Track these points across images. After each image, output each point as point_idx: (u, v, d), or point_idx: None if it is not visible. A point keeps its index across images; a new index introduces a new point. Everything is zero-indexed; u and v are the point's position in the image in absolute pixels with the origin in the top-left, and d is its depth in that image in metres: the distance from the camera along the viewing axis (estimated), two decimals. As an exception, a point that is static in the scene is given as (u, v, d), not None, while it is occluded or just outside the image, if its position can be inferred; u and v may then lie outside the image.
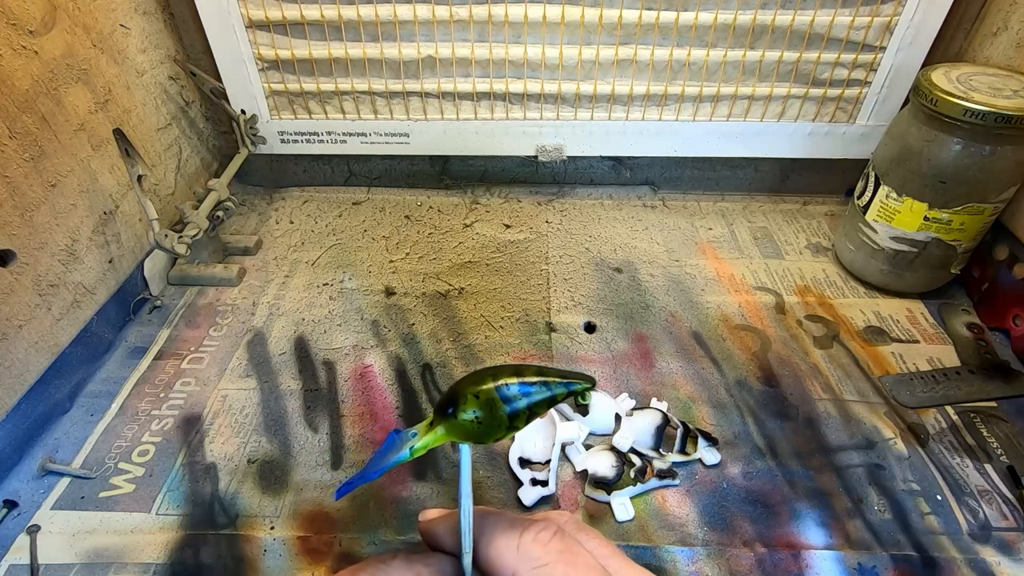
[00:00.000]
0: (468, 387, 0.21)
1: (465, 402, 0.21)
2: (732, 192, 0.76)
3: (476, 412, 0.21)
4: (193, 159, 0.71)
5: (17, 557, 0.41)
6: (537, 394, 0.21)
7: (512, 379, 0.21)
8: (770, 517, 0.43)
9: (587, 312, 0.59)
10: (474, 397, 0.21)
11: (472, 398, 0.21)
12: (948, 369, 0.53)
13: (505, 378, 0.21)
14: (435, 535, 0.23)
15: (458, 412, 0.21)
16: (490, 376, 0.21)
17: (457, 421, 0.21)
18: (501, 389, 0.21)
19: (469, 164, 0.76)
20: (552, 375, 0.22)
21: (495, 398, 0.21)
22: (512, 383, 0.21)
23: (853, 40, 0.62)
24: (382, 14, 0.62)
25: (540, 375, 0.22)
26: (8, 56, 0.46)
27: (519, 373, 0.22)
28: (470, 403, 0.21)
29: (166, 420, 0.50)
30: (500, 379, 0.21)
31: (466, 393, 0.21)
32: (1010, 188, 0.52)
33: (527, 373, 0.22)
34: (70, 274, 0.51)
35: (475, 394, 0.21)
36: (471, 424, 0.21)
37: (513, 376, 0.21)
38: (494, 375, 0.21)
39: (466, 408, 0.21)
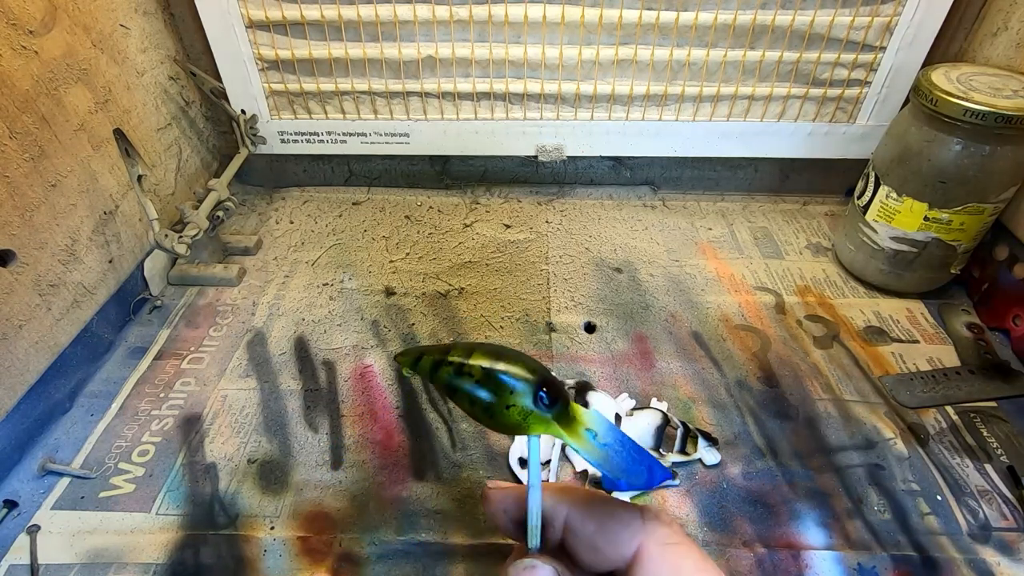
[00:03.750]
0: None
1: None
2: (732, 192, 0.76)
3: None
4: (193, 159, 0.71)
5: (17, 557, 0.41)
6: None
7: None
8: (770, 517, 0.43)
9: (587, 312, 0.59)
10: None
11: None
12: (948, 369, 0.53)
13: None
14: (503, 502, 0.23)
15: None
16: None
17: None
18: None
19: (469, 164, 0.76)
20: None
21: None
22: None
23: (853, 40, 0.62)
24: (382, 14, 0.62)
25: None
26: (8, 56, 0.46)
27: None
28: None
29: (166, 420, 0.50)
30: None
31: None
32: (1010, 188, 0.52)
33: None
34: (70, 274, 0.51)
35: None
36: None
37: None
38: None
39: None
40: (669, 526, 0.22)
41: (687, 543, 0.21)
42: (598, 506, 0.22)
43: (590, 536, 0.22)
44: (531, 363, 0.22)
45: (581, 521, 0.22)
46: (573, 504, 0.22)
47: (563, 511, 0.22)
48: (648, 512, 0.22)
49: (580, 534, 0.22)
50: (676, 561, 0.21)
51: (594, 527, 0.22)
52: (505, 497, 0.23)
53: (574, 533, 0.22)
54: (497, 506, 0.23)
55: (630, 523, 0.21)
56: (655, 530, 0.21)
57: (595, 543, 0.21)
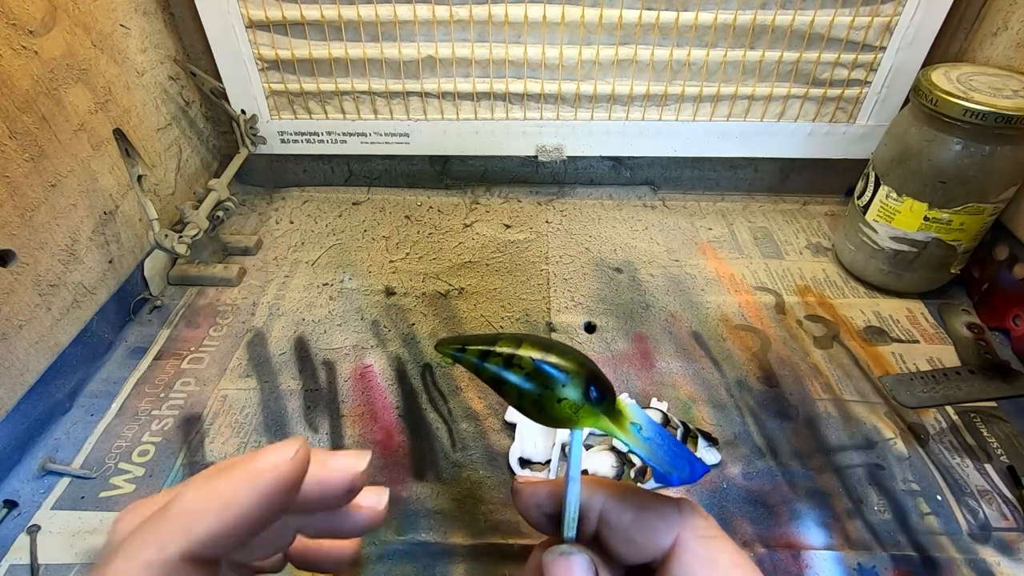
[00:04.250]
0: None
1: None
2: (732, 192, 0.76)
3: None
4: (193, 159, 0.71)
5: (17, 557, 0.41)
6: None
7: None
8: (770, 517, 0.43)
9: (587, 312, 0.59)
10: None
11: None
12: (948, 369, 0.53)
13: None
14: (536, 496, 0.23)
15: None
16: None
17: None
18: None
19: (469, 164, 0.76)
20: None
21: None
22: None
23: (853, 40, 0.62)
24: (382, 14, 0.62)
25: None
26: (8, 56, 0.46)
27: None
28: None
29: (166, 420, 0.50)
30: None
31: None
32: (1010, 188, 0.52)
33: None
34: (70, 274, 0.51)
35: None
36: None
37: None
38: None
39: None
40: (706, 519, 0.22)
41: (724, 537, 0.21)
42: (635, 498, 0.22)
43: (627, 527, 0.21)
44: (580, 357, 0.22)
45: (618, 513, 0.22)
46: (610, 496, 0.22)
47: (599, 502, 0.22)
48: (685, 504, 0.22)
49: (616, 525, 0.22)
50: (713, 554, 0.21)
51: (631, 518, 0.22)
52: (537, 491, 0.23)
53: (609, 525, 0.22)
54: (529, 500, 0.23)
55: (667, 515, 0.21)
56: (693, 522, 0.21)
57: (631, 535, 0.21)
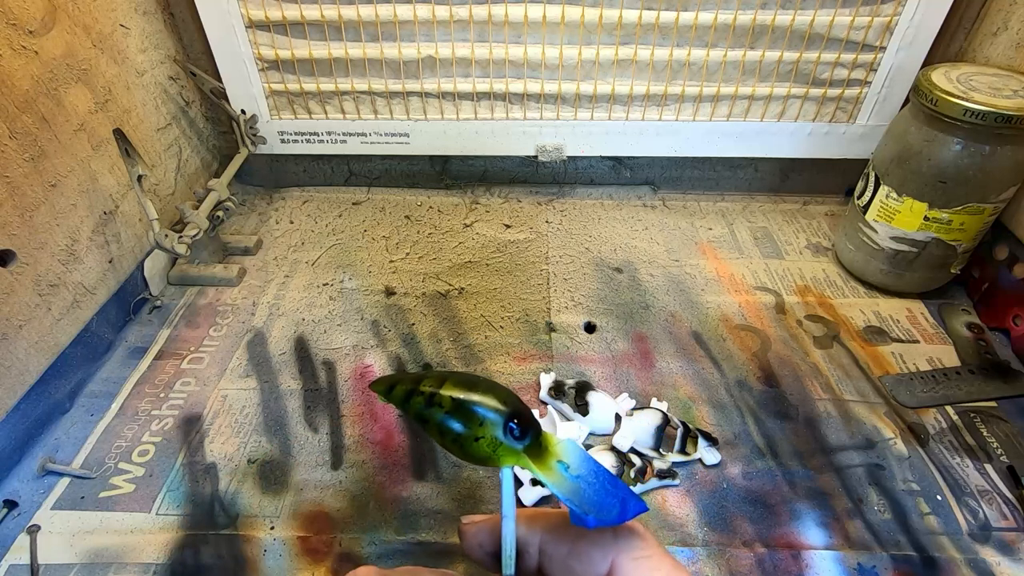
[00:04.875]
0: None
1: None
2: (732, 192, 0.76)
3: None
4: (193, 159, 0.71)
5: (17, 557, 0.41)
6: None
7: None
8: (770, 517, 0.43)
9: (587, 312, 0.59)
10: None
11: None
12: (948, 369, 0.53)
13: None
14: (477, 536, 0.23)
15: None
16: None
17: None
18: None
19: (469, 164, 0.76)
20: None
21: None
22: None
23: (853, 40, 0.62)
24: (382, 14, 0.62)
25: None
26: (8, 56, 0.46)
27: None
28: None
29: (166, 420, 0.50)
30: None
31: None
32: (1010, 188, 0.52)
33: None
34: (70, 274, 0.51)
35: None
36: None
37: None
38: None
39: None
40: (643, 538, 0.22)
41: (659, 555, 0.21)
42: (571, 527, 0.22)
43: (563, 558, 0.22)
44: (503, 393, 0.22)
45: (555, 545, 0.22)
46: (546, 529, 0.22)
47: (536, 537, 0.22)
48: (622, 527, 0.22)
49: (554, 557, 0.22)
50: (648, 575, 0.21)
51: (567, 549, 0.22)
52: (479, 531, 0.24)
53: (548, 557, 0.22)
54: (472, 540, 0.24)
55: (601, 541, 0.21)
56: (627, 544, 0.21)
57: (569, 565, 0.22)
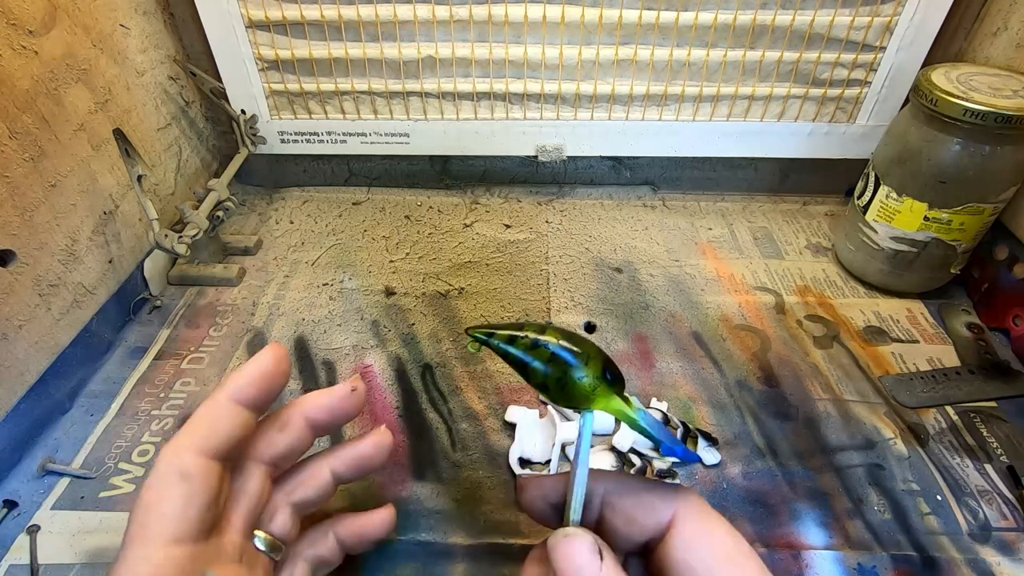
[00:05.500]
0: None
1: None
2: (732, 192, 0.76)
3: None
4: (193, 159, 0.71)
5: (17, 557, 0.41)
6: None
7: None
8: (770, 517, 0.43)
9: (587, 312, 0.59)
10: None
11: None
12: (948, 369, 0.53)
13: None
14: (541, 488, 0.25)
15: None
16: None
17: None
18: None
19: (469, 164, 0.76)
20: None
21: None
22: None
23: (853, 40, 0.62)
24: (382, 14, 0.62)
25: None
26: (8, 56, 0.46)
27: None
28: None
29: (166, 420, 0.50)
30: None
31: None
32: (1010, 188, 0.52)
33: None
34: (70, 274, 0.51)
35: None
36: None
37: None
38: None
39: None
40: (700, 498, 0.23)
41: (716, 513, 0.23)
42: (634, 481, 0.24)
43: (628, 508, 0.23)
44: (596, 346, 0.24)
45: (619, 495, 0.23)
46: (611, 481, 0.24)
47: (601, 488, 0.24)
48: (680, 486, 0.24)
49: (618, 507, 0.23)
50: (709, 525, 0.22)
51: (632, 499, 0.23)
52: (543, 482, 0.25)
53: (612, 507, 0.23)
54: (535, 492, 0.25)
55: (665, 494, 0.23)
56: (689, 498, 0.23)
57: (633, 514, 0.23)
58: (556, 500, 0.24)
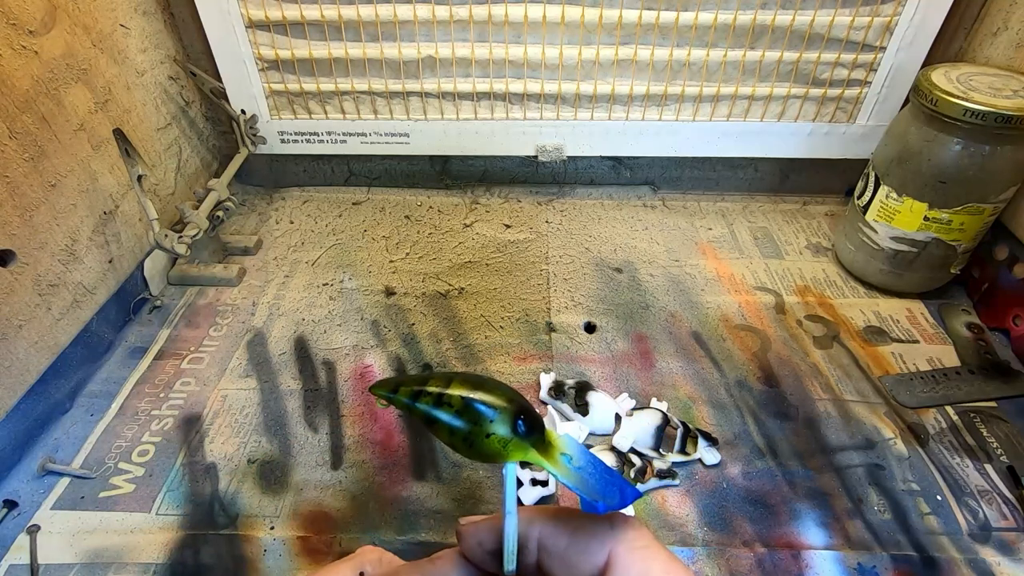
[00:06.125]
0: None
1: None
2: (732, 192, 0.76)
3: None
4: (193, 159, 0.71)
5: (17, 557, 0.41)
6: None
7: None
8: (770, 517, 0.43)
9: (587, 312, 0.59)
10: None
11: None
12: (948, 369, 0.53)
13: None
14: (477, 535, 0.23)
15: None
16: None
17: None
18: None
19: (469, 164, 0.76)
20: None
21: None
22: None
23: (853, 40, 0.62)
24: (382, 14, 0.62)
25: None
26: (8, 56, 0.46)
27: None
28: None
29: (166, 420, 0.50)
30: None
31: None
32: (1010, 188, 0.52)
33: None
34: (70, 274, 0.51)
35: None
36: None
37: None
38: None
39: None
40: (638, 530, 0.22)
41: (655, 546, 0.22)
42: (569, 521, 0.22)
43: (563, 551, 0.22)
44: (509, 392, 0.22)
45: (554, 538, 0.22)
46: (545, 523, 0.23)
47: (536, 531, 0.23)
48: (617, 519, 0.22)
49: (553, 551, 0.22)
50: (644, 564, 0.21)
51: (566, 541, 0.22)
52: (479, 530, 0.24)
53: (547, 551, 0.22)
54: (471, 539, 0.24)
55: (599, 532, 0.22)
56: (624, 535, 0.22)
57: (568, 557, 0.22)
58: (493, 547, 0.23)
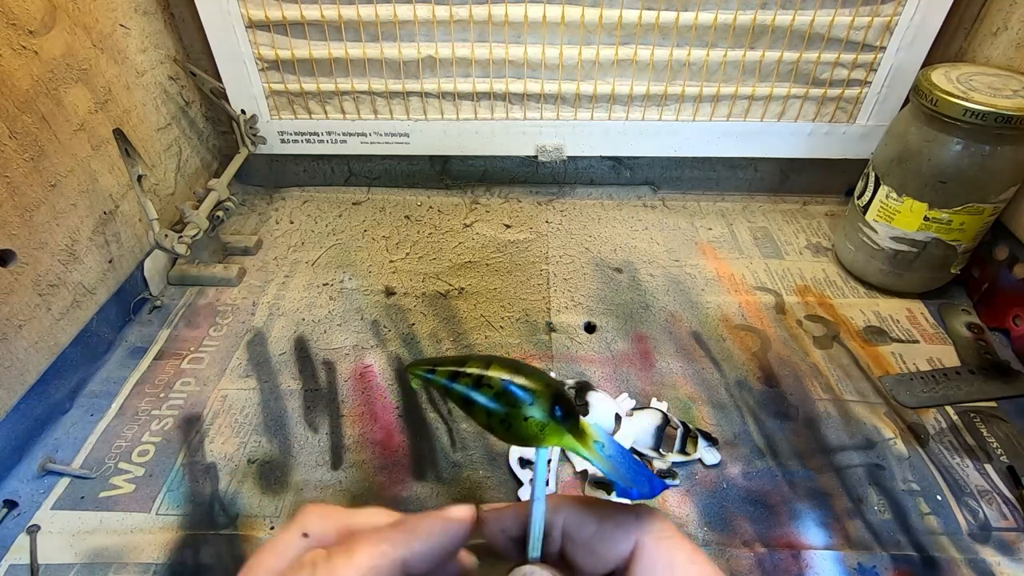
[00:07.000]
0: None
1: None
2: (732, 192, 0.76)
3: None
4: (193, 159, 0.71)
5: (17, 557, 0.41)
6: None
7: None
8: (770, 517, 0.43)
9: (587, 312, 0.59)
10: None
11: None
12: (948, 369, 0.53)
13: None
14: (500, 521, 0.23)
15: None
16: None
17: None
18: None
19: (469, 164, 0.76)
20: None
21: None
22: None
23: (853, 40, 0.62)
24: (382, 14, 0.62)
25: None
26: (8, 56, 0.46)
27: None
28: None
29: (166, 420, 0.50)
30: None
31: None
32: (1010, 188, 0.52)
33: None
34: (70, 274, 0.51)
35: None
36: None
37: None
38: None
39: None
40: (663, 521, 0.22)
41: (680, 537, 0.22)
42: (595, 510, 0.23)
43: (588, 539, 0.22)
44: (545, 377, 0.23)
45: (579, 526, 0.22)
46: (571, 511, 0.23)
47: (561, 519, 0.23)
48: (643, 510, 0.23)
49: (579, 539, 0.22)
50: (671, 554, 0.21)
51: (592, 530, 0.22)
52: (502, 517, 0.24)
53: (572, 539, 0.23)
54: (494, 525, 0.24)
55: (625, 522, 0.22)
56: (650, 526, 0.22)
57: (593, 545, 0.22)
58: (516, 534, 0.23)
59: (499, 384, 0.22)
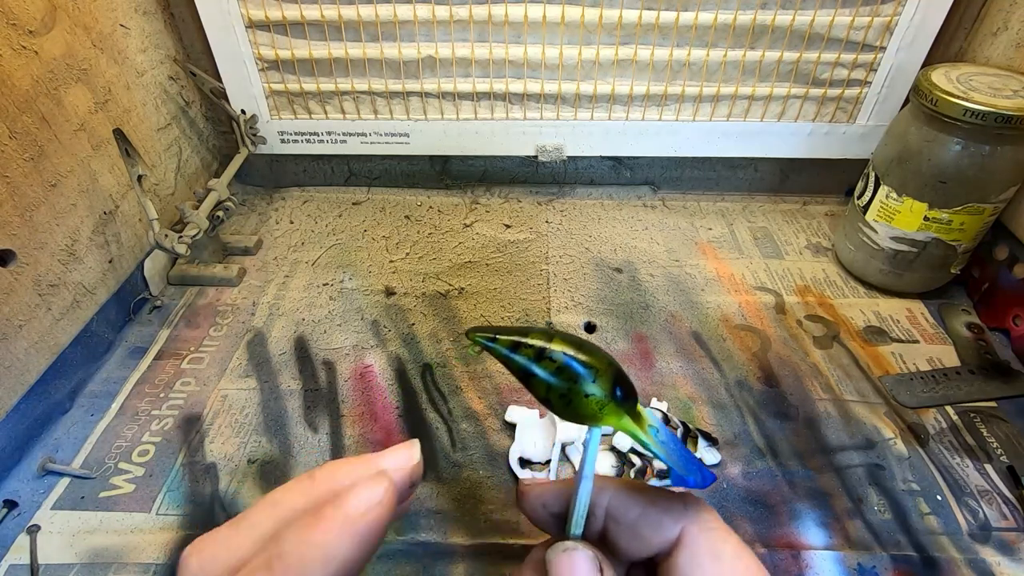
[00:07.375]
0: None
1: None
2: (732, 192, 0.76)
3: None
4: (193, 159, 0.71)
5: (17, 557, 0.41)
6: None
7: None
8: (770, 517, 0.43)
9: (587, 312, 0.59)
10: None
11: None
12: (948, 369, 0.53)
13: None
14: (542, 497, 0.23)
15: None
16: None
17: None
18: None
19: (469, 164, 0.76)
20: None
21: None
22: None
23: (853, 40, 0.62)
24: (382, 14, 0.62)
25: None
26: (8, 56, 0.46)
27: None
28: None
29: (166, 420, 0.50)
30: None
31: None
32: (1010, 188, 0.52)
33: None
34: (70, 274, 0.51)
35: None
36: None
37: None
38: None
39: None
40: (710, 512, 0.22)
41: (726, 529, 0.22)
42: (641, 494, 0.22)
43: (633, 522, 0.22)
44: (608, 357, 0.22)
45: (625, 508, 0.22)
46: (617, 492, 0.23)
47: (605, 499, 0.23)
48: (690, 499, 0.22)
49: (623, 520, 0.22)
50: (717, 545, 0.21)
51: (638, 513, 0.22)
52: (544, 492, 0.24)
53: (616, 520, 0.22)
54: (535, 500, 0.24)
55: (673, 509, 0.22)
56: (697, 515, 0.22)
57: (638, 528, 0.22)
58: (557, 510, 0.23)
59: (561, 358, 0.21)
